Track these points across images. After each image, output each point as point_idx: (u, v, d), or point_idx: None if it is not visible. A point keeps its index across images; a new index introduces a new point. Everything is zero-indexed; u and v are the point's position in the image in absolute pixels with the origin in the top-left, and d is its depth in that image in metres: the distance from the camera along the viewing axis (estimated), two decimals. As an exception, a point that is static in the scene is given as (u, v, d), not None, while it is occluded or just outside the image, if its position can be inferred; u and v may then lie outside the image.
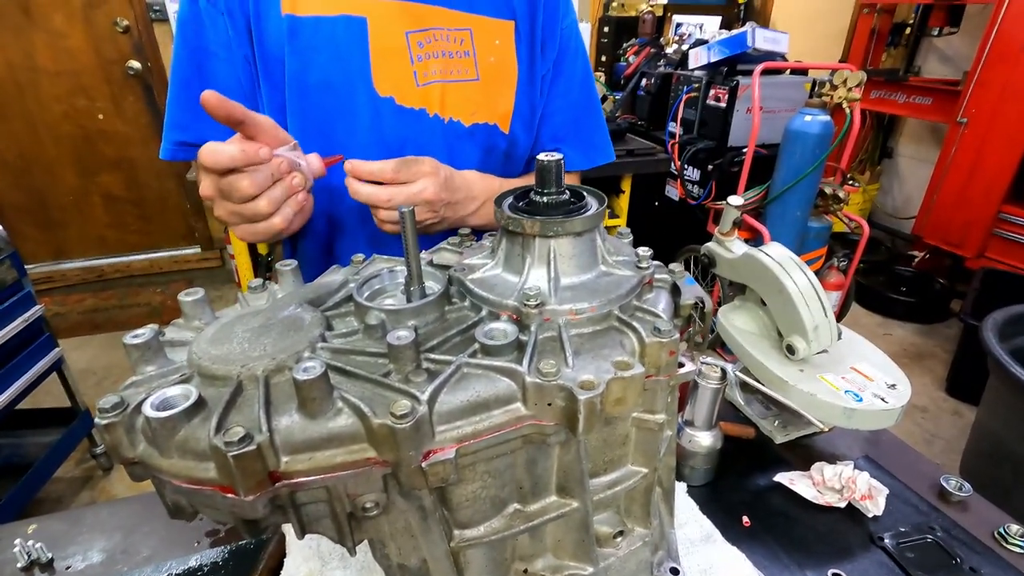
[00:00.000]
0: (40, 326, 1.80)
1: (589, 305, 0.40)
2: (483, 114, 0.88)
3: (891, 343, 2.98)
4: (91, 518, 0.80)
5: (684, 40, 3.13)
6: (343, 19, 0.80)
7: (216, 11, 0.79)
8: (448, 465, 0.35)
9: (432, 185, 0.73)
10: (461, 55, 0.85)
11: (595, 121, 1.02)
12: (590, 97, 1.01)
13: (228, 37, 0.80)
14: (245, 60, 0.81)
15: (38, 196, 3.21)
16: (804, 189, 2.16)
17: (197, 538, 0.77)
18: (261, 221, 0.62)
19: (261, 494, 0.33)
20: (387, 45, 0.81)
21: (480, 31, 0.86)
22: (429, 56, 0.83)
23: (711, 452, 0.82)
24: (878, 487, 0.78)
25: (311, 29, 0.79)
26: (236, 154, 0.56)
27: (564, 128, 0.98)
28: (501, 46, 0.88)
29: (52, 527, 0.79)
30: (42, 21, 2.88)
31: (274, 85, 0.82)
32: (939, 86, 3.19)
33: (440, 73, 0.84)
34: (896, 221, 3.84)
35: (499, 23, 0.88)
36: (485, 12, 0.87)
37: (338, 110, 0.82)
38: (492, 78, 0.88)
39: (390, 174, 0.70)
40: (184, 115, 0.82)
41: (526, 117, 0.93)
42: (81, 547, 0.76)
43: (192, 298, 0.43)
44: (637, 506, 0.48)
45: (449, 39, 0.84)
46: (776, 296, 0.84)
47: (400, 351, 0.36)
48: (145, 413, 0.33)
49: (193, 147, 0.83)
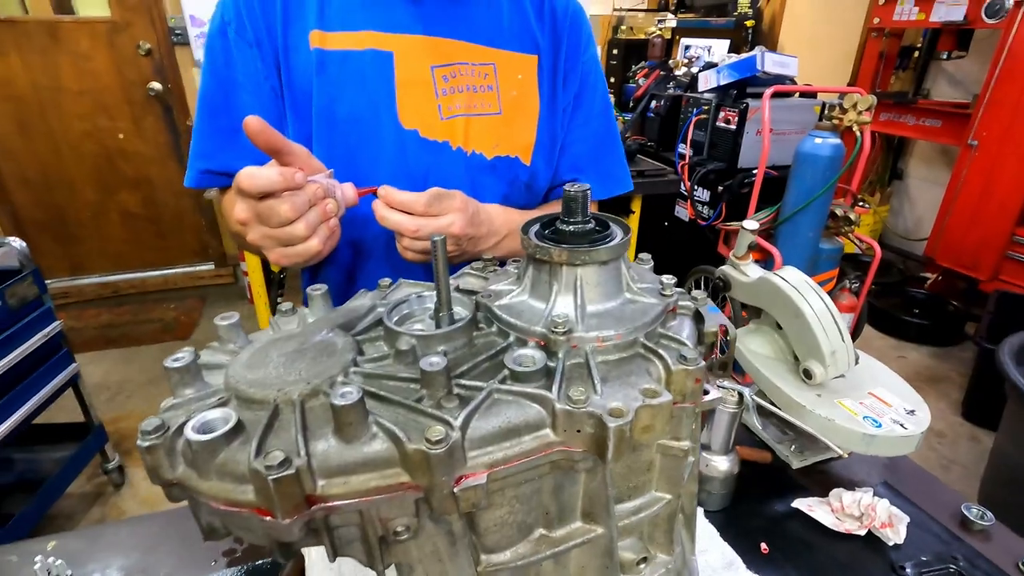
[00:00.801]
0: (58, 341, 1.83)
1: (615, 332, 0.41)
2: (505, 147, 0.90)
3: (905, 366, 2.95)
4: (110, 536, 0.81)
5: (693, 63, 3.18)
6: (370, 53, 0.82)
7: (245, 43, 0.81)
8: (479, 490, 0.36)
9: (460, 220, 0.74)
10: (484, 89, 0.87)
11: (614, 152, 1.03)
12: (609, 128, 1.02)
13: (256, 69, 0.82)
14: (273, 91, 0.83)
15: (58, 212, 3.28)
16: (815, 211, 2.16)
17: (214, 557, 0.77)
18: (297, 244, 0.63)
19: (298, 517, 0.34)
20: (412, 79, 0.83)
21: (503, 66, 0.89)
22: (454, 90, 0.85)
23: (728, 477, 0.82)
24: (898, 515, 0.78)
25: (339, 63, 0.81)
26: (275, 178, 0.57)
27: (583, 159, 0.99)
28: (524, 80, 0.90)
29: (71, 544, 0.80)
30: (68, 44, 2.98)
31: (301, 117, 0.84)
32: (949, 109, 3.21)
33: (464, 107, 0.86)
34: (908, 243, 3.82)
35: (522, 57, 0.90)
36: (509, 47, 0.89)
37: (364, 142, 0.84)
38: (514, 112, 0.90)
39: (421, 207, 0.71)
40: (210, 144, 0.84)
41: (547, 149, 0.94)
42: (99, 564, 0.76)
43: (227, 322, 0.44)
44: (660, 532, 0.48)
45: (473, 73, 0.86)
46: (792, 320, 0.84)
47: (433, 377, 0.37)
48: (187, 436, 0.34)
49: (218, 175, 0.85)
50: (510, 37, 0.89)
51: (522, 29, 0.91)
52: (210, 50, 0.83)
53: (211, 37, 0.83)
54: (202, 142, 0.85)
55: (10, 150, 3.08)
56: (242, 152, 0.84)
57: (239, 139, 0.84)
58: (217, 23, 0.82)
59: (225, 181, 0.86)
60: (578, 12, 0.96)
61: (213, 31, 0.83)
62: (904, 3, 3.12)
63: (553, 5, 0.93)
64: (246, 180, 0.58)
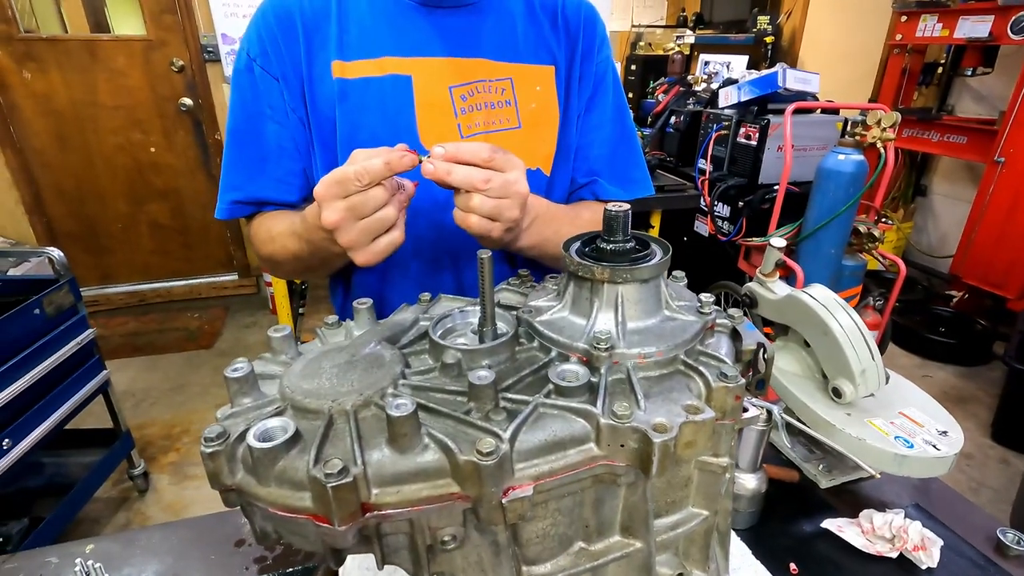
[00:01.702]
0: (91, 349, 1.88)
1: (656, 349, 0.42)
2: (526, 160, 0.89)
3: (931, 385, 2.89)
4: (144, 540, 0.83)
5: (712, 79, 3.20)
6: (390, 78, 0.84)
7: (270, 77, 0.83)
8: (526, 502, 0.37)
9: (523, 178, 0.69)
10: (503, 104, 0.88)
11: (631, 154, 1.02)
12: (624, 130, 1.01)
13: (283, 101, 0.84)
14: (300, 122, 0.86)
15: (90, 224, 3.38)
16: (838, 227, 2.15)
17: (246, 564, 0.78)
18: (385, 234, 0.63)
19: (352, 524, 0.35)
20: (431, 100, 0.85)
21: (520, 79, 0.89)
22: (472, 108, 0.87)
23: (756, 495, 0.81)
24: (931, 538, 0.77)
25: (360, 90, 0.83)
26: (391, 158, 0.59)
27: (599, 162, 0.98)
28: (542, 92, 0.91)
29: (107, 548, 0.82)
30: (106, 61, 3.09)
31: (325, 144, 0.86)
32: (974, 125, 3.17)
33: (484, 124, 0.87)
34: (932, 260, 3.76)
35: (539, 69, 0.91)
36: (525, 60, 0.90)
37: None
38: (534, 124, 0.90)
39: (485, 156, 0.65)
40: (240, 176, 0.86)
41: (567, 157, 0.95)
42: (135, 569, 0.78)
43: (280, 334, 0.46)
44: (696, 549, 0.49)
45: (491, 90, 0.87)
46: (821, 338, 0.84)
47: (481, 390, 0.38)
48: (249, 443, 0.36)
49: (246, 205, 0.88)
50: (525, 50, 0.90)
51: (537, 40, 0.91)
52: (237, 86, 0.86)
53: (237, 73, 0.86)
54: (231, 174, 0.87)
55: (48, 163, 3.19)
56: (270, 181, 0.87)
57: (267, 168, 0.87)
58: (243, 59, 0.85)
59: (253, 210, 0.88)
60: (591, 14, 0.96)
61: (240, 67, 0.86)
62: (927, 20, 3.10)
63: (566, 12, 0.93)
64: (364, 172, 0.58)
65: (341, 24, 0.84)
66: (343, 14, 0.84)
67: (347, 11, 0.84)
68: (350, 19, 0.84)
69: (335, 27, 0.83)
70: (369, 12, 0.85)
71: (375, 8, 0.85)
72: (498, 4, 0.89)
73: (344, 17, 0.84)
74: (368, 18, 0.85)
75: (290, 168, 0.88)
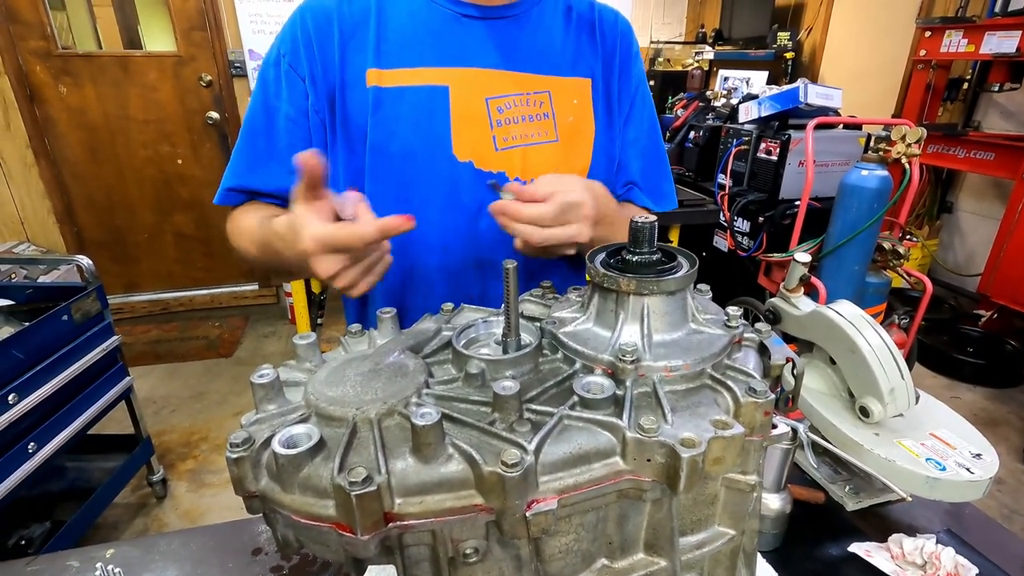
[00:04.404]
0: (116, 355, 1.91)
1: (683, 363, 0.42)
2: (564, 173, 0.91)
3: (960, 407, 2.80)
4: (163, 546, 0.84)
5: (732, 94, 3.19)
6: (427, 89, 0.83)
7: (297, 76, 0.84)
8: (550, 516, 0.36)
9: (586, 229, 0.72)
10: (540, 117, 0.88)
11: (662, 168, 1.02)
12: (658, 145, 1.01)
13: (305, 103, 0.84)
14: (321, 124, 0.86)
15: (117, 233, 3.47)
16: (861, 243, 2.12)
17: (263, 573, 0.78)
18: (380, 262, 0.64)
19: (375, 534, 0.35)
20: (467, 112, 0.85)
21: (558, 92, 0.89)
22: (509, 121, 0.86)
23: (780, 516, 0.79)
24: (965, 565, 0.74)
25: (395, 99, 0.83)
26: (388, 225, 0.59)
27: (636, 175, 0.99)
28: (579, 105, 0.91)
29: (127, 553, 0.82)
30: (138, 76, 3.20)
31: (354, 151, 0.86)
32: (1002, 141, 3.11)
33: (521, 137, 0.87)
34: (959, 278, 3.67)
35: (577, 81, 0.91)
36: (563, 73, 0.90)
37: (418, 176, 0.85)
38: (571, 137, 0.90)
39: (550, 220, 0.69)
40: (244, 165, 0.87)
41: (603, 169, 0.94)
42: (154, 574, 0.79)
43: (305, 342, 0.47)
44: (721, 569, 0.47)
45: (529, 103, 0.87)
46: (848, 356, 0.82)
47: (506, 401, 0.38)
48: (274, 449, 0.36)
49: (239, 193, 0.88)
50: (563, 63, 0.90)
51: (576, 53, 0.91)
52: (263, 78, 0.87)
53: (265, 65, 0.87)
54: (237, 162, 0.87)
55: (80, 175, 3.29)
56: (271, 177, 0.86)
57: (271, 165, 0.86)
58: (273, 54, 0.86)
59: (243, 199, 0.88)
60: (627, 29, 0.96)
61: (268, 60, 0.87)
62: (952, 35, 3.07)
63: (603, 25, 0.94)
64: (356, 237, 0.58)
65: (380, 32, 0.84)
66: (382, 22, 0.84)
67: (387, 19, 0.85)
68: (389, 28, 0.84)
69: (373, 34, 0.84)
70: (409, 21, 0.85)
71: (415, 18, 0.85)
72: (538, 15, 0.90)
73: (383, 25, 0.84)
74: (408, 27, 0.84)
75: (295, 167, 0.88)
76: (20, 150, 3.07)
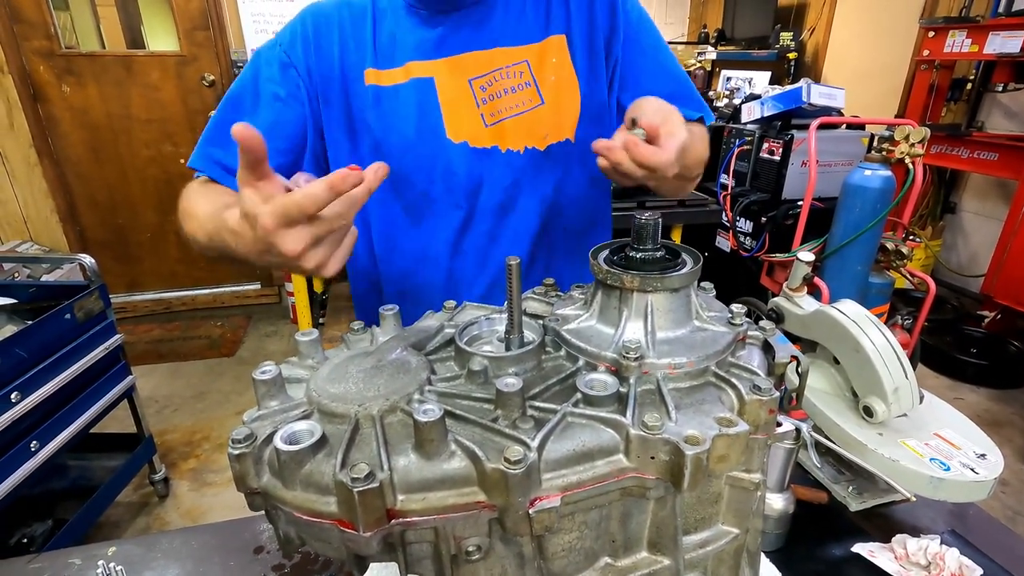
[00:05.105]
0: (118, 354, 1.91)
1: (687, 360, 0.41)
2: (556, 133, 0.92)
3: (963, 408, 2.76)
4: (165, 544, 0.83)
5: (734, 94, 3.19)
6: (414, 82, 0.88)
7: (291, 65, 0.88)
8: (553, 513, 0.36)
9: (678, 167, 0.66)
10: (523, 87, 0.90)
11: (687, 84, 0.99)
12: (676, 67, 0.99)
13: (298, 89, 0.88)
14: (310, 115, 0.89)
15: (120, 233, 3.47)
16: (864, 244, 2.11)
17: (264, 571, 0.78)
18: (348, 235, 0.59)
19: (377, 531, 0.35)
20: (454, 97, 0.89)
21: (536, 58, 0.91)
22: (494, 96, 0.90)
23: (783, 516, 0.79)
24: (970, 566, 0.73)
25: (391, 97, 0.88)
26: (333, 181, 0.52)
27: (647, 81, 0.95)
28: (558, 63, 0.92)
29: (129, 551, 0.82)
30: (141, 76, 3.20)
31: (356, 145, 0.91)
32: (1005, 142, 3.10)
33: (508, 109, 0.90)
34: (962, 279, 3.66)
35: (551, 41, 0.92)
36: (537, 38, 0.91)
37: (418, 164, 0.90)
38: (556, 95, 0.91)
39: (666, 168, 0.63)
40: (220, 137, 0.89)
41: (593, 120, 0.94)
42: (156, 572, 0.79)
43: (308, 338, 0.47)
44: (725, 568, 0.47)
45: (509, 75, 0.90)
46: (852, 355, 0.82)
47: (508, 398, 0.38)
48: (276, 446, 0.36)
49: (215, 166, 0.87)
50: (535, 29, 0.91)
51: (546, 15, 0.92)
52: (256, 57, 0.91)
53: (262, 49, 0.91)
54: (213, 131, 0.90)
55: (83, 175, 3.30)
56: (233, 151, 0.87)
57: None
58: (272, 43, 0.90)
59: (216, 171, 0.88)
60: None
61: (266, 45, 0.91)
62: (955, 35, 3.06)
63: None
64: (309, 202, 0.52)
65: (376, 34, 0.90)
66: (378, 25, 0.90)
67: (381, 22, 0.90)
68: (383, 30, 0.90)
69: (370, 35, 0.89)
70: (395, 22, 0.90)
71: (401, 21, 0.90)
72: None
73: (378, 28, 0.90)
74: (396, 29, 0.90)
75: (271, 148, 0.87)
76: (24, 149, 3.07)
